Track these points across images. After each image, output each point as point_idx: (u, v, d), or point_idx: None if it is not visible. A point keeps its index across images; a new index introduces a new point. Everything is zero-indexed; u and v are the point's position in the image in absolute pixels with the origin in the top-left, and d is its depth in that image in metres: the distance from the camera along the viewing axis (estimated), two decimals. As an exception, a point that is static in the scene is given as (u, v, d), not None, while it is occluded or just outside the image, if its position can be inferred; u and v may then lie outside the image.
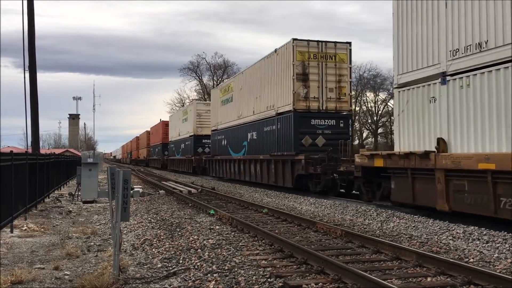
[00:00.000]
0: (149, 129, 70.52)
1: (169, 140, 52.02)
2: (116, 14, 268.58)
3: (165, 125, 56.02)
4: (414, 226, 10.84)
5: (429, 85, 11.95)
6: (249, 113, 25.59)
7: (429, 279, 6.45)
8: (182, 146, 44.13)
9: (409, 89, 12.75)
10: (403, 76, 12.98)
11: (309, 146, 19.46)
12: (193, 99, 68.43)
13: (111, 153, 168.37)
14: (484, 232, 9.57)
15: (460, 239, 9.28)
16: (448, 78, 11.28)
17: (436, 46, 11.68)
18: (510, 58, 9.58)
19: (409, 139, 12.69)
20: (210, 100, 41.74)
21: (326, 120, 19.94)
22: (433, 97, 11.80)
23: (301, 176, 19.33)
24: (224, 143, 30.41)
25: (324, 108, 20.00)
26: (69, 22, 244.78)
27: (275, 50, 21.72)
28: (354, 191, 17.09)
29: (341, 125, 20.18)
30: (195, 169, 38.84)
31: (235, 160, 27.59)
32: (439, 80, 11.52)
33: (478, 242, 8.97)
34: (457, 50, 10.98)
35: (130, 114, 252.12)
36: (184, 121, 44.13)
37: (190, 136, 40.44)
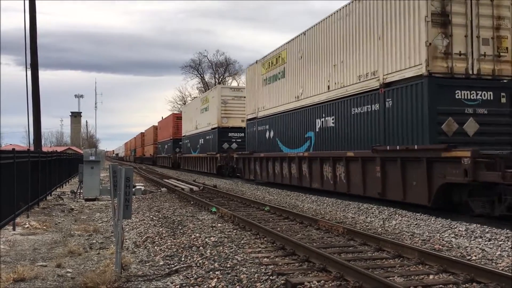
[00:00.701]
0: (156, 124, 65.56)
1: (183, 135, 45.61)
2: (118, 12, 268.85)
3: (176, 118, 50.93)
4: (416, 224, 10.82)
5: None
6: (319, 90, 17.95)
7: (431, 277, 6.44)
8: (201, 141, 37.30)
9: None
10: None
11: (453, 136, 12.08)
12: (217, 85, 61.97)
13: (113, 150, 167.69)
14: (487, 230, 9.56)
15: (462, 237, 9.27)
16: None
17: None
18: None
19: None
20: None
21: (480, 92, 12.35)
22: None
23: (453, 187, 11.57)
24: (270, 135, 23.08)
25: (475, 71, 12.45)
26: (71, 20, 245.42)
27: None
28: None
29: (503, 100, 12.50)
30: (221, 169, 31.98)
31: (293, 159, 20.01)
32: None
33: (480, 240, 8.96)
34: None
35: (132, 112, 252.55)
36: (203, 111, 36.84)
37: (213, 129, 33.26)
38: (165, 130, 56.39)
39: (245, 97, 28.29)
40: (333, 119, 16.81)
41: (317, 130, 18.14)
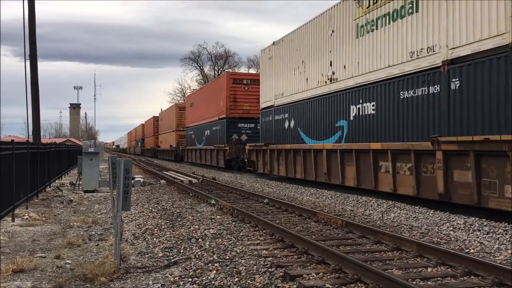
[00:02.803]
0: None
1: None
2: (114, 2, 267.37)
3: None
4: (414, 217, 10.85)
5: None
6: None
7: (429, 269, 6.46)
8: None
9: None
10: None
11: None
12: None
13: (113, 142, 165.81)
14: (485, 223, 9.58)
15: (460, 230, 9.29)
16: None
17: None
18: None
19: None
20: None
21: None
22: None
23: None
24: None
25: None
26: (67, 10, 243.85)
27: None
28: None
29: None
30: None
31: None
32: None
33: (478, 233, 8.98)
34: None
35: (131, 104, 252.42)
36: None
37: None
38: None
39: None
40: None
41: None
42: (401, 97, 13.10)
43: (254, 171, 25.09)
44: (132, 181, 9.71)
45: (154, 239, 8.75)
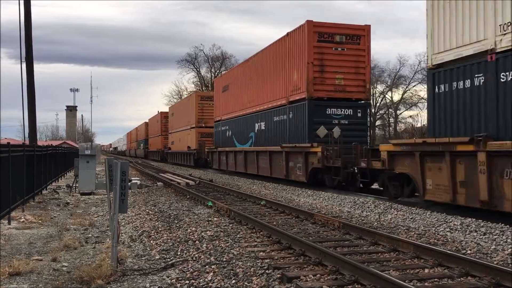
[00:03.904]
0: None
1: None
2: (110, 3, 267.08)
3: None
4: (411, 218, 10.86)
5: None
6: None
7: (426, 270, 6.47)
8: (260, 126, 23.60)
9: None
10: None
11: None
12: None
13: (110, 144, 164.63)
14: (482, 224, 9.60)
15: (457, 231, 9.30)
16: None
17: None
18: None
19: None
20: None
21: None
22: None
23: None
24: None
25: None
26: (61, 11, 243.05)
27: None
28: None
29: None
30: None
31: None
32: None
33: (475, 234, 9.00)
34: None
35: (127, 106, 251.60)
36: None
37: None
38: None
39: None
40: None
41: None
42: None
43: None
44: (129, 183, 9.70)
45: (151, 241, 8.73)
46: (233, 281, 6.08)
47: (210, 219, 11.05)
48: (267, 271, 6.46)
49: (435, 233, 9.16)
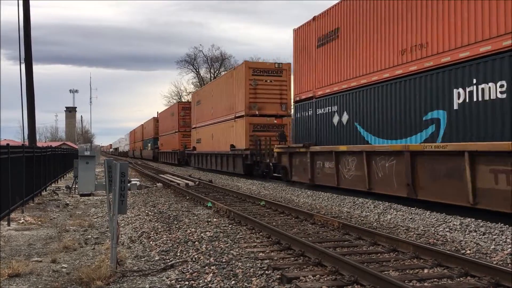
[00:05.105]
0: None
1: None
2: (106, 4, 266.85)
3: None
4: (411, 218, 10.86)
5: None
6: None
7: (426, 270, 6.47)
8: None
9: None
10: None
11: None
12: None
13: (110, 144, 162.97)
14: (481, 224, 9.60)
15: (457, 231, 9.31)
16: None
17: None
18: None
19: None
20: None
21: None
22: None
23: None
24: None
25: None
26: (58, 12, 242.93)
27: None
28: None
29: None
30: None
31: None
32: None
33: (474, 233, 9.00)
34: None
35: (126, 107, 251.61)
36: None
37: None
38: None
39: None
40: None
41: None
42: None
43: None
44: (128, 184, 9.70)
45: (151, 242, 8.73)
46: (233, 282, 6.08)
47: (209, 220, 11.05)
48: (266, 271, 6.46)
49: (435, 233, 9.17)
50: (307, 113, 18.69)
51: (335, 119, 16.50)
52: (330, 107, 16.95)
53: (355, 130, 15.28)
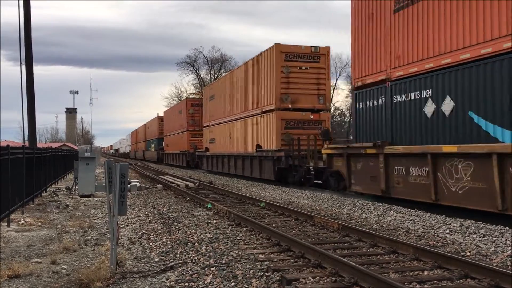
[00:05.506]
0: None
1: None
2: (106, 5, 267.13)
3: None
4: (411, 220, 10.86)
5: None
6: None
7: (426, 272, 6.47)
8: None
9: None
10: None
11: None
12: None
13: (111, 146, 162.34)
14: (481, 226, 9.60)
15: (457, 233, 9.30)
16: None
17: None
18: None
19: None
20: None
21: None
22: None
23: None
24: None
25: None
26: (58, 13, 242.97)
27: None
28: None
29: None
30: None
31: None
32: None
33: (475, 235, 8.99)
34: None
35: (126, 108, 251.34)
36: None
37: None
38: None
39: None
40: None
41: None
42: None
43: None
44: (128, 185, 9.71)
45: (151, 243, 8.72)
46: (233, 284, 6.08)
47: (209, 221, 11.05)
48: (266, 273, 6.46)
49: (435, 235, 9.16)
50: (375, 102, 14.33)
51: (429, 108, 12.09)
52: (418, 92, 12.53)
53: (470, 123, 10.81)
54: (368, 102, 14.78)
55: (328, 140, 17.47)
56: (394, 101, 13.52)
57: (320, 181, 18.23)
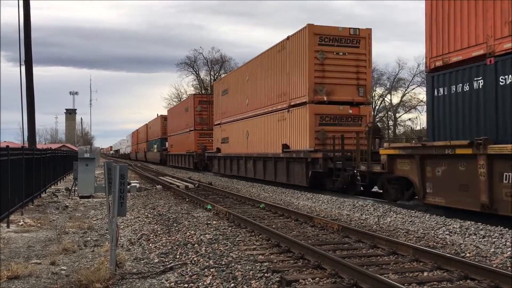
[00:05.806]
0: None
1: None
2: (106, 6, 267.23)
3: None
4: (411, 221, 10.85)
5: None
6: None
7: (425, 273, 6.46)
8: None
9: None
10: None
11: None
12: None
13: (111, 146, 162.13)
14: (481, 227, 9.59)
15: (456, 234, 9.30)
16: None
17: None
18: None
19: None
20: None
21: None
22: None
23: None
24: None
25: None
26: (58, 14, 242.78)
27: None
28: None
29: None
30: None
31: None
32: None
33: (474, 237, 8.99)
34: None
35: (126, 109, 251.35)
36: None
37: None
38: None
39: None
40: None
41: None
42: None
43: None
44: (128, 186, 9.70)
45: (150, 244, 8.72)
46: (232, 285, 6.07)
47: (209, 222, 11.04)
48: (266, 274, 6.45)
49: (434, 236, 9.16)
50: (466, 87, 10.87)
51: None
52: None
53: None
54: (453, 87, 11.29)
55: (379, 138, 14.95)
56: (501, 84, 9.93)
57: (376, 189, 15.46)
